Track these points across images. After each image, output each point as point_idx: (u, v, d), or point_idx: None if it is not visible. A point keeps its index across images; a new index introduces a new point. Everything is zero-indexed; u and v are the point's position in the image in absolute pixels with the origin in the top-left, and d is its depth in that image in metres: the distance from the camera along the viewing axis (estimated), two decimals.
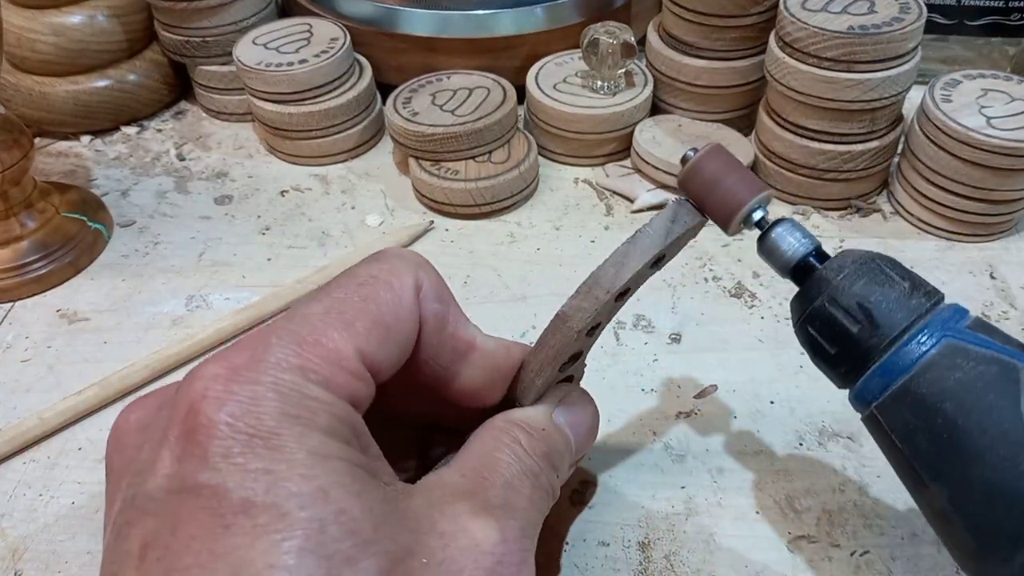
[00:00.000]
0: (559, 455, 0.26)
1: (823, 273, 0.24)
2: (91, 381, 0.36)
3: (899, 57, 0.40)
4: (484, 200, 0.44)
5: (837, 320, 0.23)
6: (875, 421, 0.23)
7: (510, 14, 0.49)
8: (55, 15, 0.49)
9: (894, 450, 0.23)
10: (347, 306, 0.21)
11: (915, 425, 0.22)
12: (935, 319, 0.22)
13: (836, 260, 0.24)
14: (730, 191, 0.24)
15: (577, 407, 0.28)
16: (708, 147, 0.25)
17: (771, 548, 0.30)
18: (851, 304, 0.23)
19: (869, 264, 0.23)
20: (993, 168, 0.40)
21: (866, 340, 0.22)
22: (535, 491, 0.24)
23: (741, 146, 0.46)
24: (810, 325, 0.24)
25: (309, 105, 0.47)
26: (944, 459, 0.21)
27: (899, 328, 0.22)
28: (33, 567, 0.31)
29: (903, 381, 0.22)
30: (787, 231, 0.25)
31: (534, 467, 0.24)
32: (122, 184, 0.49)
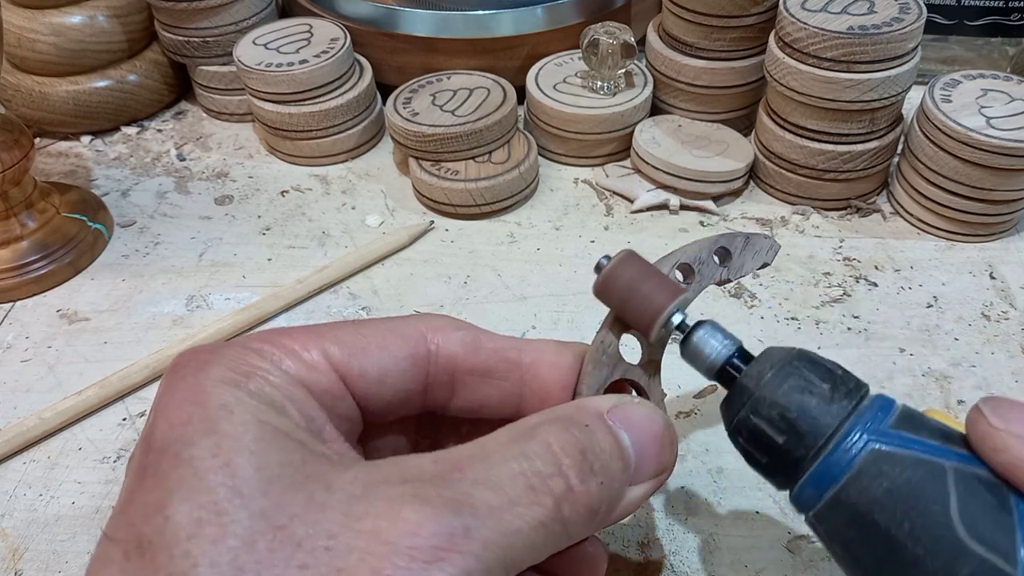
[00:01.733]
0: (601, 460, 0.21)
1: (744, 381, 0.23)
2: (91, 381, 0.37)
3: (899, 57, 0.40)
4: (484, 200, 0.44)
5: (763, 431, 0.22)
6: (815, 527, 0.22)
7: (510, 14, 0.49)
8: (55, 15, 0.49)
9: (836, 556, 0.22)
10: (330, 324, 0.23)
11: (851, 535, 0.21)
12: (859, 420, 0.21)
13: (756, 366, 0.23)
14: (647, 297, 0.24)
15: (640, 411, 0.23)
16: (621, 255, 0.24)
17: (771, 548, 0.30)
18: (773, 415, 0.22)
19: (788, 368, 0.22)
20: (993, 168, 0.40)
21: (793, 450, 0.22)
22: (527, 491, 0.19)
23: (741, 146, 0.46)
24: (738, 435, 0.23)
25: (309, 105, 0.47)
26: (882, 568, 0.21)
27: (824, 435, 0.21)
28: (33, 567, 0.31)
29: (834, 491, 0.21)
30: (708, 334, 0.24)
31: (541, 462, 0.20)
32: (122, 184, 0.49)
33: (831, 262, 0.42)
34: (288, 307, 0.41)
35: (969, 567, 0.19)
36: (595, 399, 0.23)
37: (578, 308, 0.40)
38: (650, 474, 0.22)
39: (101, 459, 0.34)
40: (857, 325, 0.39)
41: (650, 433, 0.22)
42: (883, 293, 0.40)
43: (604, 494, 0.20)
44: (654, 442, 0.22)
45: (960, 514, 0.19)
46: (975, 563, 0.19)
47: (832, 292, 0.40)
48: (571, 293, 0.41)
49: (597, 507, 0.20)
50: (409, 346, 0.23)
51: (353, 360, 0.22)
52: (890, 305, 0.40)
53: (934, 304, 0.40)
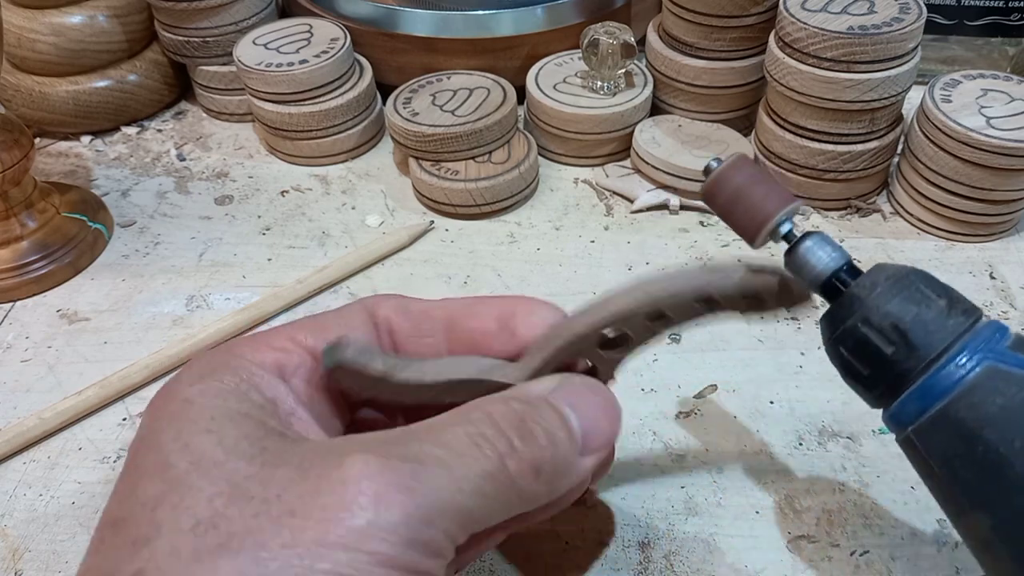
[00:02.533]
0: (543, 427, 0.22)
1: (855, 291, 0.22)
2: (91, 381, 0.37)
3: (899, 57, 0.40)
4: (484, 200, 0.44)
5: (871, 341, 0.22)
6: (912, 445, 0.22)
7: (510, 14, 0.49)
8: (55, 15, 0.49)
9: (932, 475, 0.22)
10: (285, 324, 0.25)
11: (955, 451, 0.21)
12: (974, 339, 0.21)
13: (869, 276, 0.23)
14: (756, 203, 0.23)
15: (581, 387, 0.24)
16: (732, 158, 0.24)
17: (771, 548, 0.30)
18: (885, 324, 0.22)
19: (904, 281, 0.22)
20: (993, 168, 0.40)
21: (902, 362, 0.21)
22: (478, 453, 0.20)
23: (741, 146, 0.46)
24: (842, 345, 0.23)
25: (309, 105, 0.47)
26: (987, 487, 0.20)
27: (937, 349, 0.21)
28: (33, 567, 0.31)
29: (942, 405, 0.21)
30: (816, 245, 0.23)
31: (492, 435, 0.21)
32: (122, 184, 0.49)
33: None
34: (288, 307, 0.41)
35: None
36: (535, 384, 0.24)
37: None
38: (599, 445, 0.23)
39: (101, 459, 0.34)
40: None
41: (594, 406, 0.23)
42: None
43: (548, 455, 0.21)
44: (598, 415, 0.23)
45: None
46: None
47: None
48: (571, 293, 0.41)
49: (541, 466, 0.21)
50: (360, 318, 0.25)
51: (318, 337, 0.24)
52: None
53: None
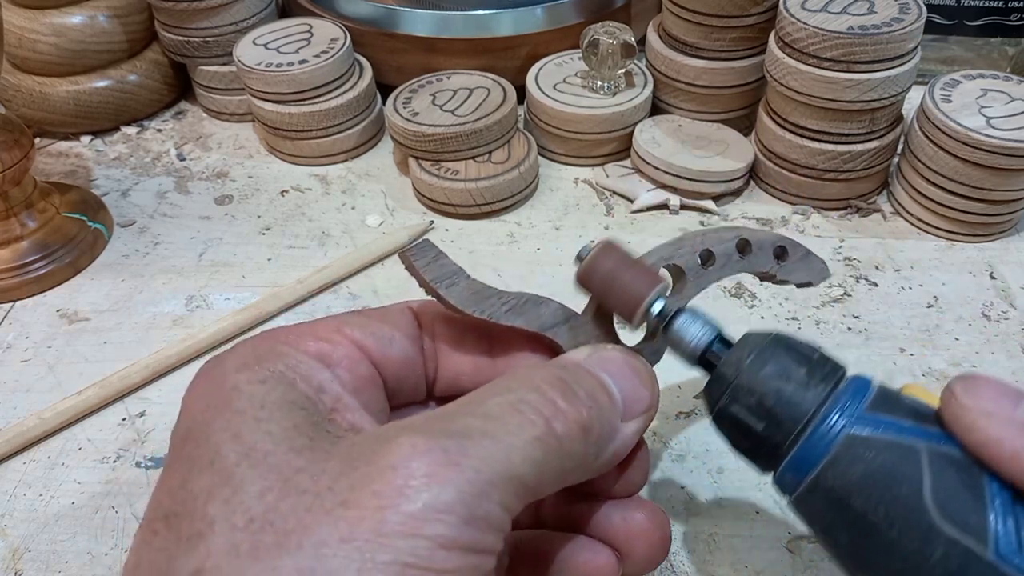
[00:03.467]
0: (585, 389, 0.22)
1: (722, 370, 0.23)
2: (91, 381, 0.37)
3: (899, 57, 0.40)
4: (484, 200, 0.44)
5: (742, 418, 0.23)
6: (797, 511, 0.23)
7: (510, 14, 0.49)
8: (55, 15, 0.49)
9: (818, 538, 0.22)
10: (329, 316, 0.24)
11: (831, 518, 0.21)
12: (835, 406, 0.22)
13: (735, 352, 0.23)
14: (627, 288, 0.24)
15: (615, 353, 0.24)
16: (600, 243, 0.25)
17: (771, 548, 0.30)
18: (751, 403, 0.22)
19: (765, 354, 0.23)
20: (993, 168, 0.40)
21: (772, 436, 0.22)
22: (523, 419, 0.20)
23: (741, 146, 0.46)
24: (719, 422, 0.23)
25: (309, 105, 0.47)
26: (861, 552, 0.21)
27: (800, 421, 0.22)
28: (33, 567, 0.31)
29: (812, 476, 0.21)
30: (687, 322, 0.24)
31: (535, 399, 0.20)
32: (122, 184, 0.49)
33: (832, 262, 0.42)
34: (288, 307, 0.41)
35: (942, 548, 0.19)
36: (570, 353, 0.24)
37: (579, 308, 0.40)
38: (639, 410, 0.23)
39: (101, 459, 0.34)
40: (857, 325, 0.39)
41: (630, 371, 0.23)
42: (883, 293, 0.40)
43: (594, 416, 0.21)
44: (636, 379, 0.23)
45: (933, 496, 0.20)
46: (947, 544, 0.19)
47: (832, 292, 0.40)
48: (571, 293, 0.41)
49: (590, 425, 0.21)
50: (405, 316, 0.25)
51: (364, 331, 0.23)
52: (890, 305, 0.40)
53: (934, 304, 0.40)
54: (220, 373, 0.21)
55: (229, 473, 0.19)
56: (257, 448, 0.19)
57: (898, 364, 0.37)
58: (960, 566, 0.19)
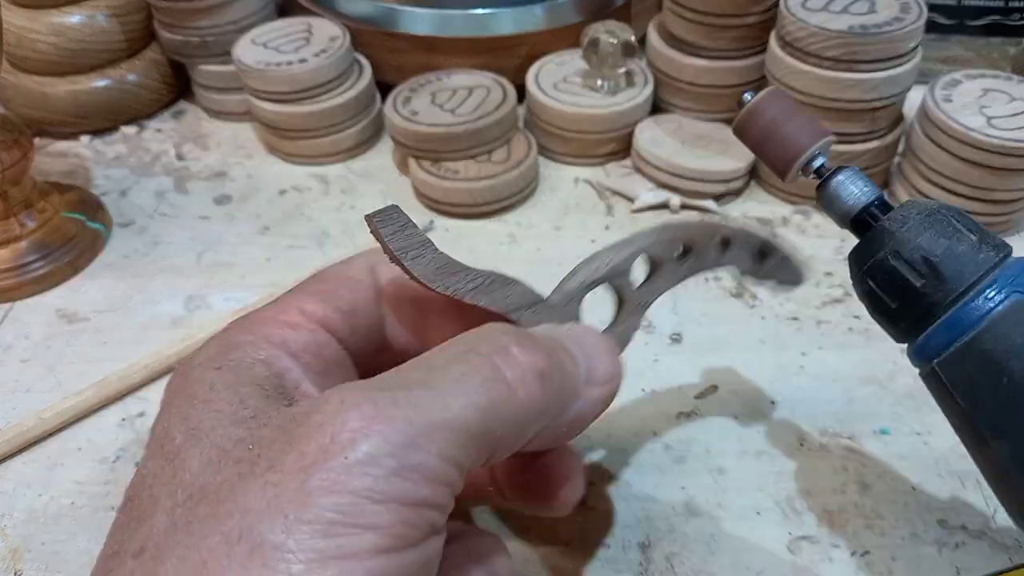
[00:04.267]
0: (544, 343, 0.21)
1: (886, 224, 0.23)
2: (91, 381, 0.36)
3: (899, 57, 0.40)
4: (484, 200, 0.44)
5: (900, 273, 0.22)
6: (936, 377, 0.22)
7: (510, 13, 0.49)
8: (55, 15, 0.49)
9: (955, 407, 0.22)
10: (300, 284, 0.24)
11: (979, 381, 0.21)
12: (1003, 274, 0.22)
13: (900, 211, 0.23)
14: (790, 137, 0.23)
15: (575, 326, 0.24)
16: (767, 91, 0.24)
17: (771, 549, 0.30)
18: (916, 257, 0.22)
19: (935, 215, 0.22)
20: (993, 168, 0.39)
21: (931, 295, 0.22)
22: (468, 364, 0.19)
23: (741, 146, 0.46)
24: (871, 278, 0.23)
25: (309, 105, 0.47)
26: (1008, 415, 0.21)
27: (966, 283, 0.21)
28: (33, 567, 0.31)
29: (969, 337, 0.21)
30: (848, 180, 0.24)
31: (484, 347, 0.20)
32: (122, 184, 0.49)
33: (832, 262, 0.42)
34: None
35: None
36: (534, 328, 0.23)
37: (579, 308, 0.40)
38: (601, 378, 0.23)
39: (101, 459, 0.34)
40: (858, 325, 0.39)
41: (592, 339, 0.24)
42: None
43: (554, 365, 0.21)
44: (598, 347, 0.23)
45: None
46: None
47: (833, 292, 0.40)
48: None
49: (547, 373, 0.20)
50: (366, 279, 0.25)
51: (328, 303, 0.23)
52: None
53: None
54: (185, 368, 0.22)
55: (174, 453, 0.19)
56: (201, 427, 0.19)
57: (899, 364, 0.37)
58: None
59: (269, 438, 0.19)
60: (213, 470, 0.18)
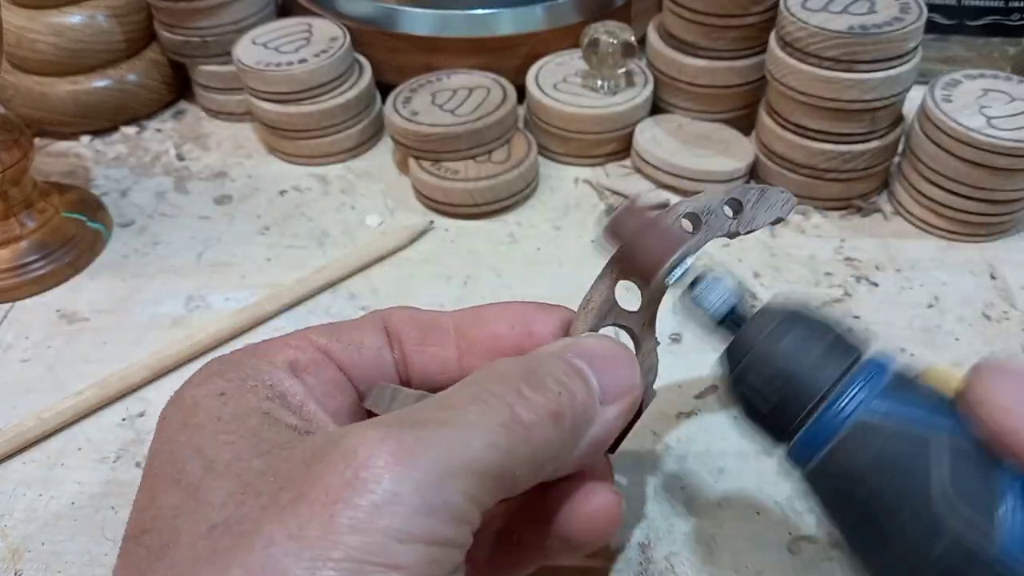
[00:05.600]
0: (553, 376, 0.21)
1: (739, 340, 0.23)
2: (91, 381, 0.36)
3: (899, 57, 0.40)
4: (484, 200, 0.44)
5: (755, 392, 0.22)
6: (808, 486, 0.23)
7: (510, 14, 0.49)
8: (55, 15, 0.49)
9: (827, 517, 0.22)
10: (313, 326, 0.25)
11: (838, 497, 0.21)
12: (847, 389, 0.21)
13: (752, 323, 0.23)
14: (648, 249, 0.24)
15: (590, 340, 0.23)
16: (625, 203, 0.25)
17: (771, 548, 0.30)
18: (765, 377, 0.22)
19: (785, 326, 0.23)
20: (993, 168, 0.39)
21: (783, 413, 0.22)
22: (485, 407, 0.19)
23: (741, 146, 0.46)
24: (736, 387, 0.23)
25: (309, 105, 0.47)
26: (867, 536, 0.21)
27: (812, 401, 0.22)
28: (33, 567, 0.31)
29: (823, 454, 0.21)
30: (708, 288, 0.24)
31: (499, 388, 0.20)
32: (122, 184, 0.49)
33: (832, 262, 0.42)
34: (287, 307, 0.40)
35: (948, 536, 0.19)
36: (542, 347, 0.23)
37: None
38: (619, 392, 0.22)
39: (101, 459, 0.34)
40: (858, 325, 0.39)
41: (604, 354, 0.23)
42: (884, 293, 0.40)
43: (565, 402, 0.21)
44: (615, 361, 0.23)
45: (939, 487, 0.20)
46: (954, 533, 0.19)
47: (833, 292, 0.40)
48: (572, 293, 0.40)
49: (561, 412, 0.20)
50: (374, 327, 0.25)
51: (331, 336, 0.24)
52: (891, 305, 0.40)
53: (935, 304, 0.40)
54: (184, 390, 0.22)
55: (195, 487, 0.19)
56: (219, 460, 0.20)
57: None
58: (964, 559, 0.19)
59: (292, 471, 0.19)
60: (236, 503, 0.18)
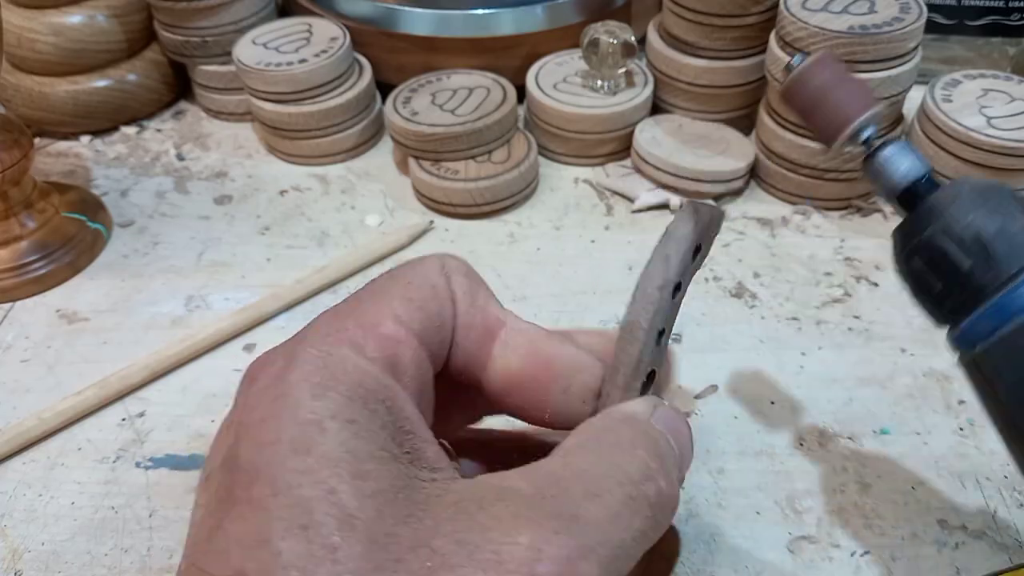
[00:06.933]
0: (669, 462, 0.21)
1: (935, 201, 0.21)
2: (91, 381, 0.36)
3: (899, 57, 0.40)
4: (484, 200, 0.44)
5: (948, 253, 0.21)
6: (976, 366, 0.21)
7: (510, 14, 0.49)
8: (55, 15, 0.49)
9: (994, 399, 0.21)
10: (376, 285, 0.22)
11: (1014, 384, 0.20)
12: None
13: (951, 188, 0.22)
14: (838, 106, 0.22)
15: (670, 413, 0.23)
16: (817, 56, 0.23)
17: (771, 549, 0.30)
18: (966, 237, 0.21)
19: (989, 192, 0.21)
20: (993, 168, 0.39)
21: (979, 277, 0.20)
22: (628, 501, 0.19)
23: (742, 146, 0.46)
24: (916, 256, 0.22)
25: (309, 105, 0.47)
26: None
27: (1018, 266, 0.20)
28: (33, 567, 0.31)
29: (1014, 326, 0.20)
30: (898, 153, 0.23)
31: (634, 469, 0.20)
32: (122, 184, 0.49)
33: (832, 262, 0.42)
34: (287, 307, 0.40)
35: None
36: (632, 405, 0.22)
37: (579, 308, 0.40)
38: (687, 468, 0.23)
39: (100, 459, 0.34)
40: (858, 325, 0.39)
41: (681, 432, 0.22)
42: (884, 293, 0.40)
43: (675, 492, 0.21)
44: (685, 439, 0.23)
45: None
46: None
47: (833, 292, 0.40)
48: (572, 293, 0.41)
49: (675, 506, 0.21)
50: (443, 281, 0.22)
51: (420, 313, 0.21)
52: (891, 305, 0.40)
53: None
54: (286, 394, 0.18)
55: (330, 545, 0.16)
56: (357, 514, 0.17)
57: (899, 364, 0.37)
58: None
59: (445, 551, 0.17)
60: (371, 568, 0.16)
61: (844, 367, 0.37)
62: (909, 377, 0.36)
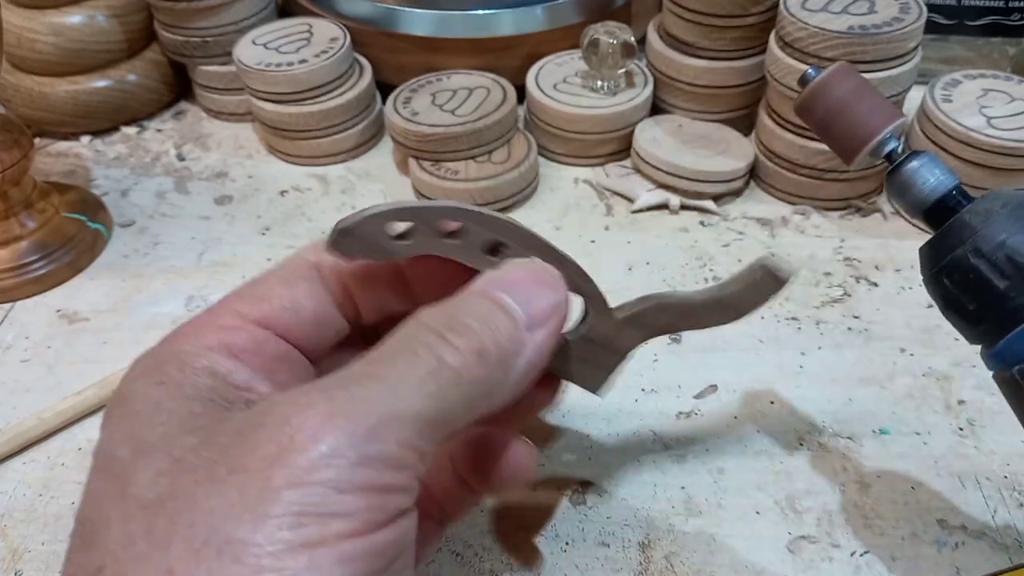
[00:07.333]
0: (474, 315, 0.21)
1: (967, 217, 0.21)
2: (91, 381, 0.36)
3: (899, 57, 0.40)
4: (484, 200, 0.44)
5: (981, 273, 0.20)
6: (1016, 384, 0.20)
7: (510, 14, 0.49)
8: (55, 15, 0.49)
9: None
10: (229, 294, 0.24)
11: None
12: None
13: (983, 202, 0.21)
14: (860, 119, 0.21)
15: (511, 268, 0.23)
16: (835, 67, 0.22)
17: (771, 548, 0.30)
18: (1000, 256, 0.20)
19: (1022, 210, 0.20)
20: (993, 168, 0.39)
21: (1016, 297, 0.20)
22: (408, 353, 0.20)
23: (741, 146, 0.46)
24: (947, 277, 0.21)
25: (309, 105, 0.47)
26: None
27: None
28: (33, 567, 0.31)
29: None
30: (924, 166, 0.22)
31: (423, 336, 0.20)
32: (122, 184, 0.49)
33: (832, 262, 0.42)
34: None
35: None
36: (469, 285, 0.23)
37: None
38: (545, 315, 0.23)
39: None
40: (858, 325, 0.39)
41: (529, 279, 0.23)
42: (884, 293, 0.40)
43: (489, 338, 0.21)
44: (537, 284, 0.23)
45: None
46: None
47: (833, 292, 0.40)
48: None
49: (485, 349, 0.21)
50: (303, 273, 0.24)
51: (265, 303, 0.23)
52: (891, 305, 0.40)
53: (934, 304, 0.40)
54: (123, 384, 0.22)
55: (122, 470, 0.19)
56: (148, 441, 0.19)
57: (898, 364, 0.37)
58: None
59: (226, 444, 0.19)
60: (168, 481, 0.18)
61: (844, 367, 0.37)
62: (909, 377, 0.36)
